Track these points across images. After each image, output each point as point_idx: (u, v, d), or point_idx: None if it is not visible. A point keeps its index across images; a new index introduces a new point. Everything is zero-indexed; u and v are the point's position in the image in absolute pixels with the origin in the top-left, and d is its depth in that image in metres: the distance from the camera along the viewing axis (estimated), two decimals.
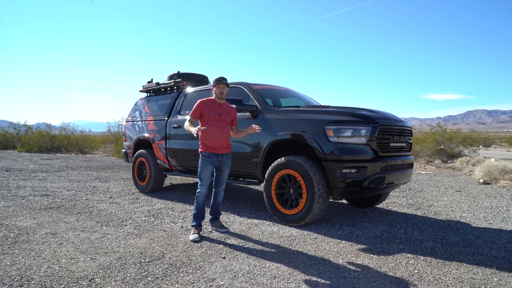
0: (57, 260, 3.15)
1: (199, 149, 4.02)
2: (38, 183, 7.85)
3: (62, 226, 4.36)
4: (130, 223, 4.53)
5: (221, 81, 3.97)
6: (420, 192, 7.22)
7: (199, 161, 4.00)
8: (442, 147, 14.48)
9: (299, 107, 5.07)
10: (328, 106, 4.86)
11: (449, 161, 13.72)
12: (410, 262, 3.18)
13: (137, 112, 7.54)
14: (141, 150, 7.01)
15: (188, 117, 4.04)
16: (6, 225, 4.34)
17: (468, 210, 5.48)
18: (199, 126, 3.77)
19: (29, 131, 24.09)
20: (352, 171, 4.09)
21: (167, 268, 3.01)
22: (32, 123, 26.33)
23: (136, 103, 7.78)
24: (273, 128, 4.71)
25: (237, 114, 5.13)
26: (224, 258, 3.28)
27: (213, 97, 4.07)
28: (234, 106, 4.75)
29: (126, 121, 7.82)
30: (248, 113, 5.05)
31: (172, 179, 8.94)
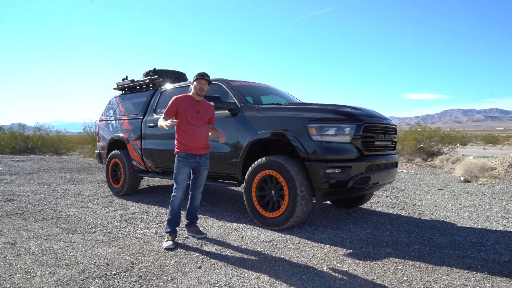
0: (10, 275, 2.81)
1: (175, 149, 3.73)
2: (4, 187, 7.35)
3: (23, 234, 3.99)
4: (100, 230, 4.20)
5: (203, 76, 3.70)
6: (403, 191, 7.13)
7: (175, 162, 3.72)
8: (422, 145, 14.59)
9: (281, 104, 4.85)
10: (311, 104, 4.65)
11: (429, 159, 13.82)
12: (398, 267, 2.99)
13: (111, 111, 7.15)
14: (115, 151, 6.64)
15: (161, 116, 3.74)
16: None
17: (452, 209, 5.39)
18: (173, 119, 3.47)
19: (0, 132, 23.04)
20: (336, 171, 3.90)
21: (135, 281, 2.72)
22: (7, 124, 25.14)
23: (110, 101, 7.39)
24: (253, 126, 4.47)
25: (216, 112, 4.87)
26: (199, 267, 3.01)
27: (190, 93, 3.79)
28: (212, 103, 4.48)
29: (100, 120, 7.42)
30: (227, 111, 4.79)
31: (149, 181, 8.57)
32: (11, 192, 6.69)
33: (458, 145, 23.13)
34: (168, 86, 6.21)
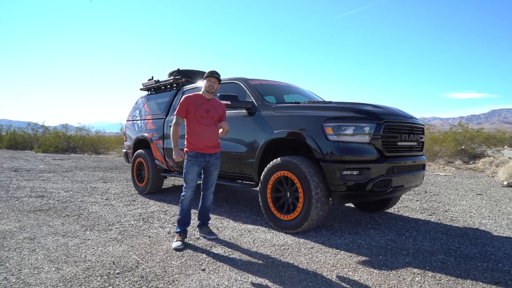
0: (19, 270, 2.87)
1: (185, 149, 3.69)
2: (40, 184, 7.73)
3: (44, 230, 4.11)
4: (116, 228, 4.24)
5: (213, 74, 3.65)
6: (437, 195, 6.68)
7: (185, 162, 3.68)
8: (463, 147, 13.72)
9: (299, 103, 4.67)
10: (330, 102, 4.45)
11: (471, 162, 12.97)
12: (416, 279, 2.74)
13: (137, 111, 7.30)
14: (140, 150, 6.77)
15: (174, 116, 3.70)
16: None
17: (489, 216, 4.94)
18: (176, 157, 3.58)
19: (46, 131, 24.50)
20: (354, 173, 3.68)
21: (136, 281, 2.68)
22: (54, 125, 26.58)
23: (136, 101, 7.55)
24: (269, 126, 4.34)
25: (233, 111, 4.80)
26: (203, 270, 2.93)
27: (200, 92, 3.74)
28: (228, 102, 4.41)
29: (127, 120, 7.61)
30: (244, 110, 4.69)
31: (175, 180, 8.67)
32: (44, 189, 7.00)
33: (505, 147, 21.57)
34: (190, 86, 6.23)
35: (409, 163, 4.12)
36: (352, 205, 5.59)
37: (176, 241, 3.55)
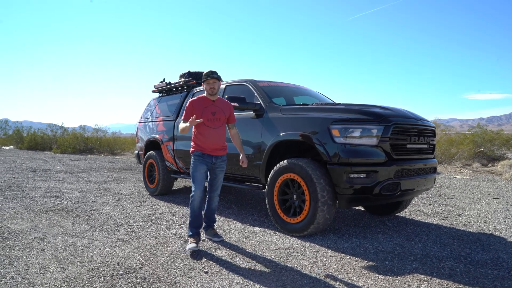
0: (26, 269, 2.93)
1: (191, 149, 3.71)
2: (55, 184, 7.90)
3: (54, 230, 4.19)
4: (124, 229, 4.29)
5: (209, 75, 3.59)
6: (451, 199, 6.50)
7: (191, 162, 3.69)
8: (481, 149, 13.34)
9: (307, 105, 4.63)
10: (338, 104, 4.39)
11: (489, 165, 12.59)
12: (422, 286, 2.67)
13: (149, 113, 7.40)
14: (151, 152, 6.84)
15: (181, 122, 3.72)
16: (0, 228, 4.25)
17: (505, 221, 4.78)
18: (193, 119, 3.41)
19: (65, 133, 25.09)
20: (361, 176, 3.61)
21: (138, 283, 2.70)
22: (74, 126, 27.06)
23: (148, 103, 7.65)
24: (276, 128, 4.32)
25: (241, 113, 4.79)
26: (206, 273, 2.93)
27: (204, 95, 3.74)
28: (236, 104, 4.42)
29: (139, 122, 7.71)
30: (252, 112, 4.69)
31: (186, 182, 8.72)
32: (58, 189, 7.16)
33: None
34: (200, 88, 6.26)
35: (419, 166, 4.02)
36: (362, 208, 5.50)
37: (190, 243, 3.45)
